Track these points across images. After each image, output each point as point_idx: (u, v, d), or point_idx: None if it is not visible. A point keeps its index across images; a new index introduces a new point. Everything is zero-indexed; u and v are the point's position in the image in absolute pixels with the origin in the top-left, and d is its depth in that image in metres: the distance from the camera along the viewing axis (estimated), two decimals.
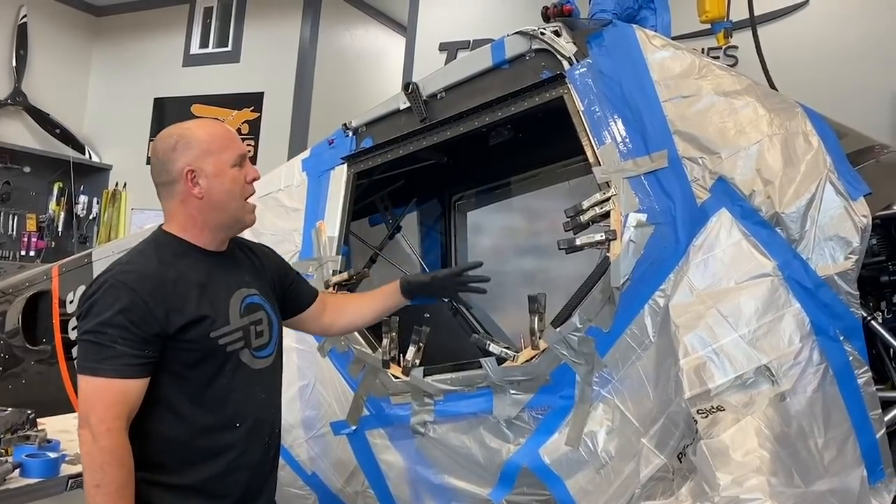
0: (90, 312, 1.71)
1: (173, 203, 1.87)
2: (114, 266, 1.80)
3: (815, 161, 2.23)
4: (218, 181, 1.83)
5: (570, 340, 2.42)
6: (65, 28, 9.65)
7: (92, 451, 1.68)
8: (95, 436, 1.67)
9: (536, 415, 2.50)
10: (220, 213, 1.86)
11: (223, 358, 1.82)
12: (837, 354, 2.07)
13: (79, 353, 1.74)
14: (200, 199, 1.83)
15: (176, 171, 1.83)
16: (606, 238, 2.41)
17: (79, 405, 1.72)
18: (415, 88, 2.98)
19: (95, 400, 1.68)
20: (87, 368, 1.69)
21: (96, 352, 1.69)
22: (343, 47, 9.08)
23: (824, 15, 5.91)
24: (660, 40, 2.63)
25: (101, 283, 1.75)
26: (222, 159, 1.85)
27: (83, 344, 1.72)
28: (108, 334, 1.68)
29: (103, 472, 1.66)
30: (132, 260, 1.81)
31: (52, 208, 9.34)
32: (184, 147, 1.83)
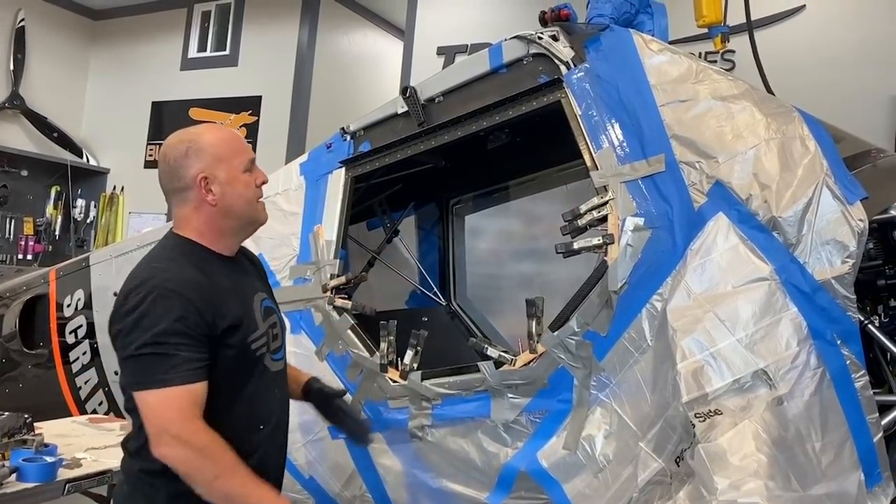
0: (141, 325, 1.67)
1: (187, 209, 1.86)
2: (150, 275, 1.75)
3: (811, 165, 2.23)
4: (231, 187, 1.84)
5: (568, 344, 2.42)
6: (63, 32, 9.65)
7: (188, 456, 1.66)
8: (185, 442, 1.65)
9: (534, 418, 2.50)
10: (235, 218, 1.87)
11: (253, 362, 1.84)
12: (835, 358, 2.07)
13: (136, 368, 1.68)
14: (214, 205, 1.83)
15: (189, 177, 1.82)
16: (604, 242, 2.41)
17: (150, 421, 1.68)
18: (413, 93, 2.98)
19: (172, 410, 1.66)
20: (155, 381, 1.65)
21: (162, 363, 1.65)
22: (341, 51, 9.09)
23: (821, 19, 5.93)
24: (657, 45, 2.64)
25: (145, 294, 1.69)
26: (234, 165, 1.85)
27: (142, 359, 1.67)
28: (170, 343, 1.66)
29: (214, 463, 1.66)
30: (168, 267, 1.77)
31: (49, 212, 9.34)
32: (195, 154, 1.83)
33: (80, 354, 3.76)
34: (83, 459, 2.60)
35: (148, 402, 1.67)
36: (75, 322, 3.80)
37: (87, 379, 3.72)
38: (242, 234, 1.94)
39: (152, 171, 9.82)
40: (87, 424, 3.23)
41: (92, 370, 3.71)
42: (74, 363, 3.77)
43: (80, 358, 3.76)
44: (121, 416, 3.57)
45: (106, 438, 2.96)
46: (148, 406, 1.67)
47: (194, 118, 9.05)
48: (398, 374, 2.75)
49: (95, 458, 2.65)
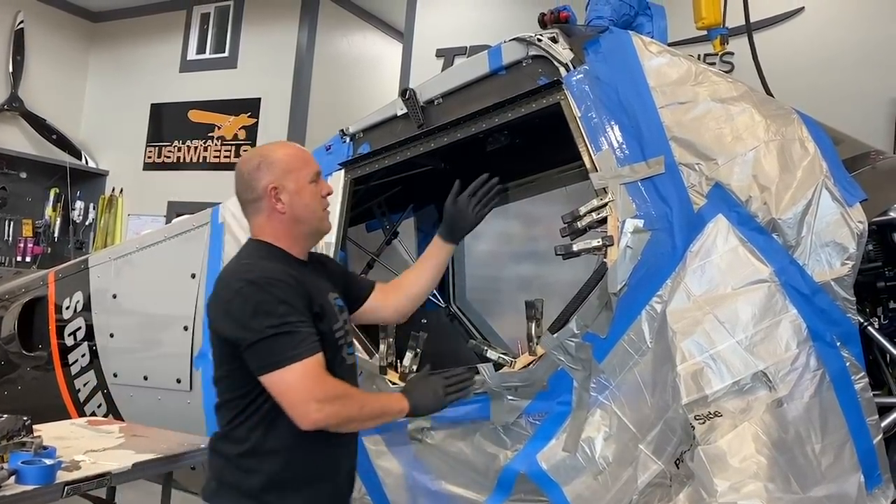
0: (259, 312, 1.81)
1: (261, 218, 2.03)
2: (248, 270, 1.90)
3: (811, 167, 2.24)
4: (298, 197, 2.01)
5: (568, 346, 2.42)
6: (62, 34, 9.66)
7: (337, 410, 1.84)
8: (331, 399, 1.82)
9: (534, 421, 2.50)
10: (303, 224, 2.03)
11: (336, 349, 1.99)
12: (834, 360, 2.07)
13: (266, 351, 1.80)
14: (283, 213, 2.00)
15: (260, 188, 1.99)
16: (603, 244, 2.41)
17: (291, 395, 1.81)
18: (412, 95, 2.98)
19: (310, 379, 1.81)
20: (288, 358, 1.80)
21: (290, 340, 1.80)
22: (340, 53, 9.10)
23: (820, 21, 5.94)
24: (656, 46, 2.64)
25: (252, 286, 1.84)
26: (301, 176, 2.02)
27: (269, 341, 1.80)
28: (291, 322, 1.82)
29: (353, 401, 1.89)
30: (260, 264, 1.93)
31: (48, 214, 9.34)
32: (267, 167, 2.00)
33: (79, 357, 3.75)
34: (82, 462, 2.60)
35: (285, 378, 1.80)
36: (74, 324, 3.80)
37: (86, 381, 3.72)
38: (311, 241, 2.12)
39: (151, 173, 9.90)
40: (86, 427, 3.22)
41: (91, 372, 3.71)
42: (73, 365, 3.77)
43: (79, 360, 3.76)
44: (120, 419, 3.57)
45: (105, 441, 2.96)
46: (285, 382, 1.81)
47: (193, 120, 9.06)
48: (398, 376, 2.75)
49: (94, 460, 2.65)
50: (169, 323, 3.46)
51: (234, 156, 8.74)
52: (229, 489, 1.94)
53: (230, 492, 1.94)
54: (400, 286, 2.42)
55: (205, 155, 8.95)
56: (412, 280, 2.42)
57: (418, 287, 2.41)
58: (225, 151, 8.84)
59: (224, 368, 1.94)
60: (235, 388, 1.92)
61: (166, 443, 2.99)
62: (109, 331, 3.67)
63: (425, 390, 2.08)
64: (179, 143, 9.15)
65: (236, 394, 1.92)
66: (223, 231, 3.37)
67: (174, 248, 3.56)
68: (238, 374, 1.89)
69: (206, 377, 3.26)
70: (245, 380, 1.88)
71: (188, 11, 9.27)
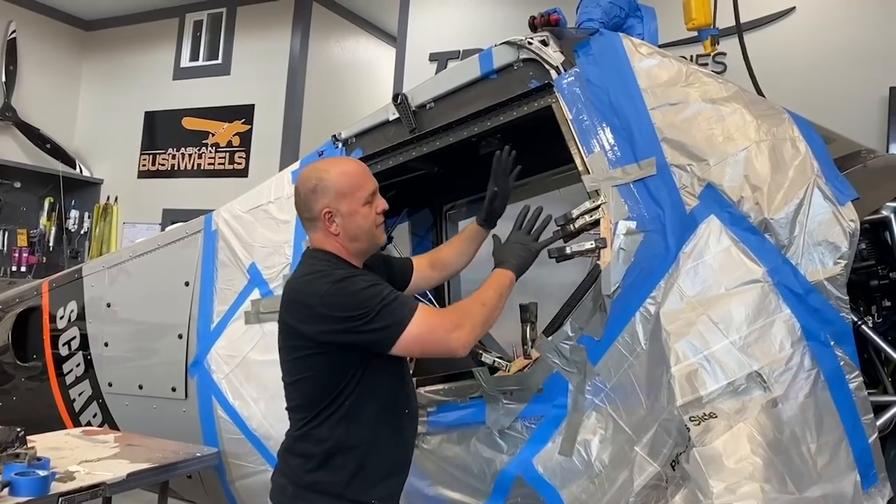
0: (360, 297, 1.94)
1: (318, 235, 2.14)
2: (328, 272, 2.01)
3: (802, 167, 2.24)
4: (351, 220, 2.09)
5: (562, 349, 2.42)
6: (54, 43, 9.65)
7: (472, 324, 2.01)
8: (457, 324, 1.98)
9: (529, 424, 2.49)
10: (357, 242, 2.13)
11: None
12: (828, 359, 2.07)
13: (385, 323, 1.93)
14: (337, 235, 2.10)
15: (316, 211, 2.09)
16: (597, 246, 2.41)
17: (430, 340, 1.97)
18: (403, 99, 2.98)
19: (433, 317, 2.00)
20: (408, 314, 1.94)
21: (398, 304, 1.95)
22: (333, 58, 9.10)
23: (811, 21, 5.95)
24: (647, 48, 2.64)
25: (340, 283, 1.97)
26: (355, 199, 2.10)
27: (383, 313, 1.93)
28: (386, 292, 1.96)
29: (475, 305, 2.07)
30: (335, 268, 2.05)
31: (42, 223, 9.32)
32: (322, 191, 2.09)
33: (73, 366, 3.74)
34: (76, 472, 2.58)
35: (413, 332, 1.94)
36: (69, 334, 3.78)
37: (81, 391, 3.70)
38: (367, 254, 2.21)
39: (146, 182, 9.88)
40: (81, 437, 3.21)
41: (86, 382, 3.69)
42: (68, 375, 3.75)
43: (73, 370, 3.74)
44: (115, 428, 3.55)
45: (100, 451, 2.95)
46: (417, 335, 1.95)
47: (187, 127, 9.05)
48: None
49: (89, 470, 2.64)
50: (163, 331, 3.45)
51: (228, 163, 8.73)
52: (312, 490, 2.02)
53: (313, 493, 2.01)
54: (441, 264, 2.57)
55: (199, 162, 8.94)
56: (453, 260, 2.58)
57: (456, 267, 2.61)
58: (219, 158, 8.83)
59: (305, 371, 2.03)
60: (317, 387, 2.01)
61: (162, 452, 2.98)
62: (104, 340, 3.66)
63: (517, 250, 2.25)
64: (174, 150, 9.13)
65: (317, 394, 2.01)
66: (217, 238, 3.36)
67: (168, 256, 3.55)
68: (325, 373, 2.00)
69: (202, 385, 3.25)
70: (330, 378, 1.99)
71: (181, 19, 9.27)
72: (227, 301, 3.25)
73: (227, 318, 3.23)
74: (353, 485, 2.00)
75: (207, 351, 3.25)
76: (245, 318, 3.17)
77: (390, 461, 2.10)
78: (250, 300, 3.17)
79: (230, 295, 3.25)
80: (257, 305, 3.14)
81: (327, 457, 2.01)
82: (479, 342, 3.72)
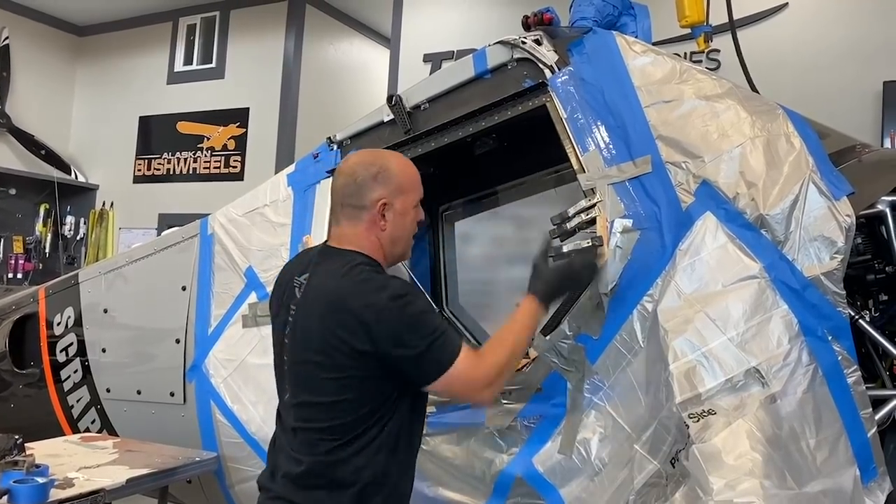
0: (419, 323, 1.84)
1: (359, 227, 1.97)
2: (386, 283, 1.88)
3: (797, 162, 2.24)
4: (402, 218, 2.00)
5: (561, 348, 2.42)
6: (48, 49, 9.64)
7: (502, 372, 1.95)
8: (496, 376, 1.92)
9: (529, 424, 2.49)
10: (396, 245, 2.03)
11: None
12: (826, 354, 2.07)
13: (435, 356, 1.84)
14: (383, 230, 1.97)
15: (371, 199, 1.95)
16: (593, 244, 2.40)
17: (466, 385, 1.89)
18: (398, 100, 2.98)
19: (473, 369, 1.88)
20: (454, 353, 1.85)
21: (448, 340, 1.86)
22: (327, 61, 9.10)
23: (804, 16, 5.97)
24: (640, 46, 2.64)
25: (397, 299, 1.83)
26: (409, 199, 2.02)
27: (435, 346, 1.83)
28: (439, 325, 1.87)
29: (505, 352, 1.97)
30: (386, 278, 1.93)
31: (38, 230, 9.31)
32: (384, 179, 1.96)
33: (71, 373, 3.73)
34: (75, 479, 2.58)
35: (455, 379, 1.85)
36: (66, 340, 3.78)
37: (79, 397, 3.69)
38: (397, 260, 2.10)
39: (141, 186, 9.88)
40: (80, 443, 3.20)
41: (84, 388, 3.68)
42: (66, 381, 3.75)
43: (71, 376, 3.73)
44: (114, 434, 3.54)
45: (99, 457, 2.95)
46: (459, 380, 1.86)
47: (182, 131, 9.05)
48: None
49: (88, 477, 2.63)
50: (161, 336, 3.44)
51: (223, 166, 8.73)
52: None
53: None
54: None
55: (195, 166, 8.94)
56: None
57: None
58: (215, 162, 8.83)
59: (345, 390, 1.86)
60: (358, 410, 1.87)
61: (161, 457, 2.98)
62: (101, 346, 3.65)
63: (543, 279, 2.18)
64: (169, 155, 9.13)
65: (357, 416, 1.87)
66: (213, 242, 3.36)
67: (164, 260, 3.54)
68: (369, 395, 1.87)
69: (200, 390, 3.25)
70: (376, 400, 1.87)
71: (174, 23, 9.27)
72: (225, 305, 3.25)
73: (225, 321, 3.23)
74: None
75: (205, 355, 3.24)
76: (242, 321, 3.17)
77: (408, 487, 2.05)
78: (247, 303, 3.17)
79: (227, 299, 3.25)
80: (255, 309, 3.13)
81: (370, 487, 1.88)
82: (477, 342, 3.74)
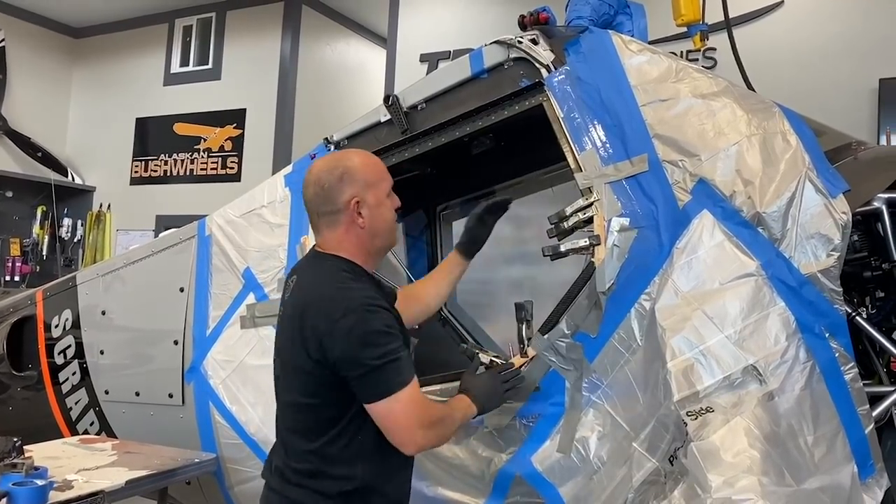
0: (367, 342, 1.83)
1: (339, 232, 2.01)
2: (347, 296, 1.88)
3: (793, 160, 2.24)
4: (378, 211, 2.01)
5: (559, 347, 2.42)
6: (44, 51, 9.62)
7: (440, 433, 1.96)
8: (434, 424, 1.92)
9: (527, 423, 2.49)
10: (378, 239, 2.04)
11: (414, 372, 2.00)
12: (823, 351, 2.08)
13: (377, 381, 1.84)
14: (363, 227, 1.99)
15: (342, 201, 1.97)
16: (590, 243, 2.41)
17: (399, 422, 1.86)
18: (395, 100, 2.98)
19: (414, 407, 1.87)
20: (398, 384, 1.84)
21: (395, 368, 1.84)
22: (324, 61, 9.10)
23: (800, 14, 5.98)
24: (636, 45, 2.65)
25: (355, 314, 1.83)
26: (380, 189, 2.03)
27: (379, 370, 1.83)
28: (394, 348, 1.85)
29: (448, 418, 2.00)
30: (357, 287, 1.93)
31: (36, 232, 9.30)
32: (350, 178, 1.98)
33: (69, 375, 3.73)
34: (74, 481, 2.57)
35: (394, 408, 1.84)
36: (64, 342, 3.77)
37: (78, 399, 3.69)
38: (382, 256, 2.16)
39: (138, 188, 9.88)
40: (79, 445, 3.20)
41: (82, 390, 3.68)
42: (64, 384, 3.74)
43: (69, 378, 3.73)
44: (113, 436, 3.54)
45: (98, 459, 2.94)
46: (393, 411, 1.85)
47: (179, 133, 9.04)
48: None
49: (87, 479, 2.63)
50: (159, 338, 3.44)
51: (220, 167, 8.73)
52: None
53: None
54: (418, 298, 2.50)
55: (192, 168, 8.94)
56: (432, 293, 2.52)
57: (437, 300, 2.54)
58: (212, 163, 8.82)
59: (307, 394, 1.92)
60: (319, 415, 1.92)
61: (160, 458, 2.97)
62: (99, 347, 3.65)
63: (488, 390, 2.15)
64: (166, 156, 9.13)
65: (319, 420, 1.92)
66: (210, 243, 3.36)
67: (161, 262, 3.54)
68: (330, 401, 1.90)
69: (199, 391, 3.24)
70: (338, 408, 1.90)
71: (170, 24, 9.26)
72: (223, 306, 3.25)
73: (223, 323, 3.23)
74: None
75: (204, 356, 3.24)
76: (241, 322, 3.17)
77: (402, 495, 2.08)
78: (245, 304, 3.17)
79: (225, 300, 3.24)
80: (253, 310, 3.13)
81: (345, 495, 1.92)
82: (475, 341, 3.74)
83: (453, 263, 2.56)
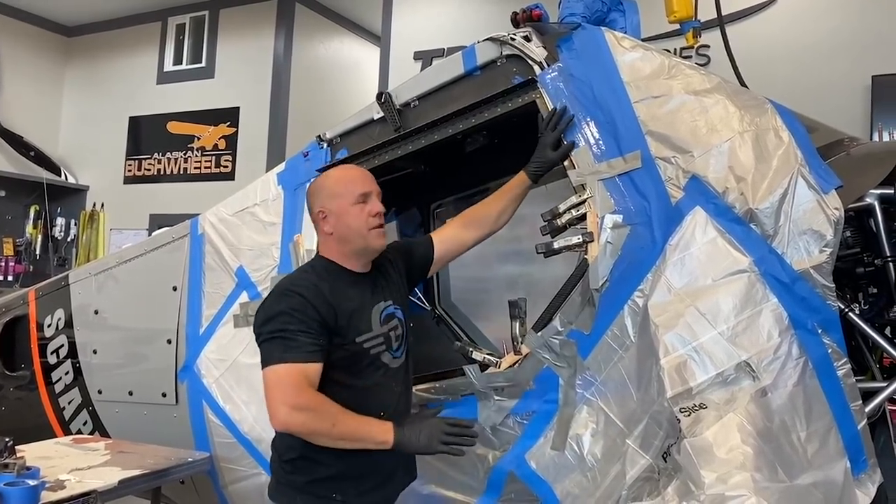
0: (269, 318, 2.04)
1: (321, 236, 2.26)
2: (284, 282, 2.15)
3: (786, 156, 2.24)
4: (340, 219, 2.18)
5: (552, 344, 2.42)
6: (36, 50, 9.58)
7: (306, 419, 1.97)
8: (302, 407, 1.95)
9: (521, 420, 2.50)
10: (349, 244, 2.20)
11: (368, 359, 2.15)
12: (816, 347, 2.08)
13: (264, 351, 2.02)
14: (330, 234, 2.20)
15: (314, 213, 2.23)
16: (584, 240, 2.41)
17: (270, 395, 1.98)
18: (388, 98, 2.97)
19: (285, 384, 1.96)
20: (276, 359, 1.98)
21: (282, 345, 1.99)
22: (318, 59, 9.08)
23: (793, 11, 5.99)
24: (629, 42, 2.64)
25: (275, 294, 2.10)
26: (344, 200, 2.18)
27: (268, 342, 2.02)
28: (290, 329, 2.00)
29: (327, 415, 1.98)
30: (300, 276, 2.21)
31: (29, 231, 9.26)
32: (316, 192, 2.25)
33: (62, 374, 3.72)
34: (67, 481, 2.56)
35: (269, 378, 1.98)
36: (56, 342, 3.76)
37: (71, 399, 3.68)
38: (363, 257, 2.25)
39: (132, 187, 9.86)
40: (71, 445, 3.19)
41: (75, 390, 3.67)
42: (57, 383, 3.73)
43: (62, 378, 3.72)
44: (106, 436, 3.53)
45: (90, 458, 2.93)
46: (268, 382, 1.98)
47: (172, 132, 9.01)
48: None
49: (80, 479, 2.62)
50: (152, 337, 3.43)
51: (214, 166, 8.71)
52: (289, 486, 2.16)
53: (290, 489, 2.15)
54: (479, 221, 2.61)
55: (185, 166, 8.91)
56: (496, 210, 2.61)
57: (493, 225, 2.62)
58: (206, 162, 8.80)
59: None
60: None
61: (153, 458, 2.97)
62: (92, 347, 3.64)
63: (419, 430, 2.05)
64: (159, 155, 9.10)
65: None
66: (203, 242, 3.35)
67: (154, 261, 3.53)
68: None
69: (192, 390, 3.24)
70: None
71: (163, 23, 9.23)
72: (216, 305, 3.24)
73: (216, 321, 3.22)
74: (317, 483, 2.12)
75: (197, 355, 3.23)
76: (234, 321, 3.16)
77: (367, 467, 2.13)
78: (239, 303, 3.16)
79: (218, 298, 3.24)
80: (246, 308, 3.13)
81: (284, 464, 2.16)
82: (469, 339, 3.74)
83: (518, 183, 2.61)
